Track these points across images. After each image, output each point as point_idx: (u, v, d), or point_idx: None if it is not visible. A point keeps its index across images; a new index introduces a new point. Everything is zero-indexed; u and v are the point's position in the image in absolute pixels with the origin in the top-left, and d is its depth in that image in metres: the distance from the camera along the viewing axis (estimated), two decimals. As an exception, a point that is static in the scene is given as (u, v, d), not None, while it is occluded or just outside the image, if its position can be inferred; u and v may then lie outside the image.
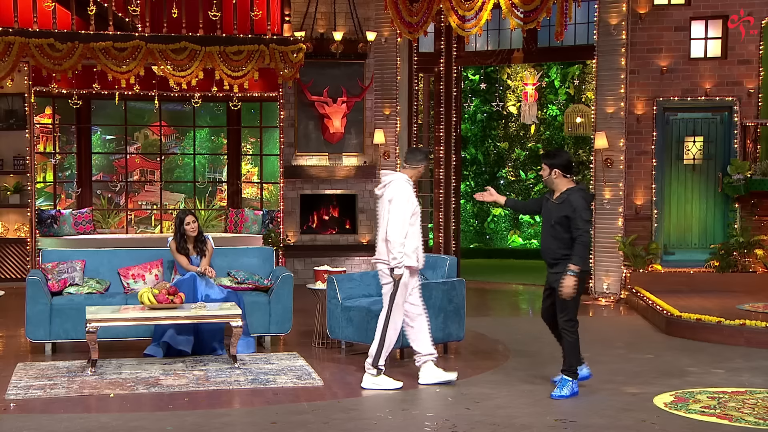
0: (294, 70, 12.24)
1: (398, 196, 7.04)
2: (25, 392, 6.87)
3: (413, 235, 7.09)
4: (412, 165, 7.26)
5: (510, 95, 17.79)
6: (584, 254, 6.77)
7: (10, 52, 11.40)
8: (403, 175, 7.21)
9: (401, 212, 6.99)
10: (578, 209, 6.77)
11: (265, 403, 6.67)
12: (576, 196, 6.82)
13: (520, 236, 18.18)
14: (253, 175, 15.66)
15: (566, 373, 6.93)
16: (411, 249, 7.07)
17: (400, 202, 7.01)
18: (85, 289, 8.58)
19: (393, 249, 6.96)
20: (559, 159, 6.94)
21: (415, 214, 7.10)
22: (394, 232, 6.96)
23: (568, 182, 6.94)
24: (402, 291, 7.10)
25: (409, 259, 7.05)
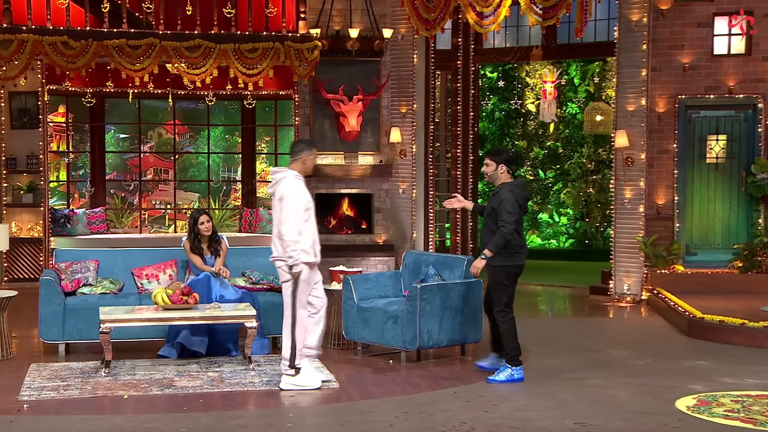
0: (309, 68, 12.26)
1: (288, 192, 7.05)
2: (39, 393, 6.91)
3: (308, 231, 7.09)
4: (294, 158, 7.26)
5: (528, 93, 17.75)
6: (501, 244, 7.30)
7: (23, 50, 11.47)
8: (293, 171, 7.20)
9: (293, 209, 7.00)
10: (504, 201, 7.32)
11: (280, 405, 6.69)
12: (505, 190, 7.39)
13: (539, 236, 18.13)
14: (268, 174, 15.68)
15: (508, 361, 7.41)
16: (307, 245, 7.07)
17: (291, 199, 7.02)
18: (99, 289, 8.62)
19: (288, 248, 6.97)
20: (504, 156, 7.54)
21: (308, 209, 7.11)
22: (288, 229, 6.97)
23: (508, 178, 7.52)
24: (303, 288, 7.09)
25: (306, 255, 7.05)
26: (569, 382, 7.41)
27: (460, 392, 7.08)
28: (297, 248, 6.95)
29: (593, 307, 11.96)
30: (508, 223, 7.28)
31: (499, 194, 7.43)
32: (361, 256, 13.47)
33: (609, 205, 14.31)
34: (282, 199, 7.04)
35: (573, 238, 17.96)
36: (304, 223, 7.04)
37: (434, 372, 7.78)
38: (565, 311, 12.43)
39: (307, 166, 7.28)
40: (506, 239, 7.31)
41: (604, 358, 8.49)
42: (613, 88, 12.96)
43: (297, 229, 6.97)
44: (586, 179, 17.79)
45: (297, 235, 6.96)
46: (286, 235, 6.96)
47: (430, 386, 7.28)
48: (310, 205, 7.13)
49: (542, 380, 7.49)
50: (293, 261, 6.96)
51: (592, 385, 7.36)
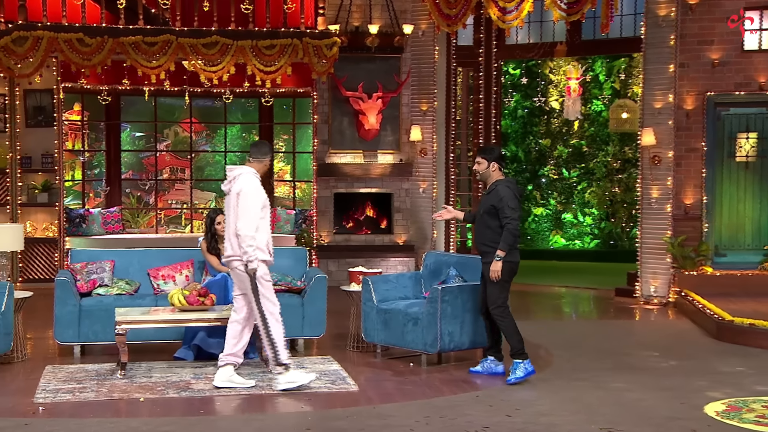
0: (328, 65, 12.27)
1: (246, 189, 7.07)
2: (54, 395, 6.96)
3: (264, 229, 7.11)
4: (257, 158, 7.30)
5: (552, 90, 17.69)
6: (511, 241, 7.43)
7: (38, 47, 11.55)
8: (251, 168, 7.24)
9: (251, 205, 7.03)
10: (504, 198, 7.41)
11: (299, 409, 6.69)
12: (503, 186, 7.50)
13: (563, 237, 18.07)
14: (286, 173, 15.72)
15: (515, 356, 7.43)
16: (263, 242, 7.09)
17: (248, 195, 7.05)
18: (115, 290, 8.66)
19: (244, 243, 6.98)
20: (495, 153, 7.66)
21: (265, 207, 7.13)
22: (245, 226, 7.00)
23: (500, 175, 7.64)
24: (264, 284, 7.09)
25: (262, 253, 7.06)
26: (594, 386, 7.37)
27: (482, 396, 7.06)
28: (253, 244, 6.98)
29: (619, 309, 11.90)
30: (512, 219, 7.41)
31: (496, 191, 7.52)
32: (380, 256, 13.48)
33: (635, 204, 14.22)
34: (239, 194, 7.08)
35: (598, 239, 17.88)
36: (261, 221, 7.08)
37: (456, 375, 7.77)
38: (590, 313, 12.37)
39: (266, 168, 7.38)
40: (514, 235, 7.43)
41: (630, 361, 8.45)
42: (639, 85, 12.89)
43: (254, 225, 7.01)
44: (611, 178, 17.71)
45: (254, 231, 7.00)
46: (243, 230, 6.99)
47: (451, 390, 7.27)
48: (266, 203, 7.19)
49: (566, 384, 7.45)
50: (249, 257, 6.98)
51: (618, 389, 7.32)
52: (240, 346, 7.28)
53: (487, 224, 7.55)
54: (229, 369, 7.24)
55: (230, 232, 7.16)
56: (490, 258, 7.50)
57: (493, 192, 7.55)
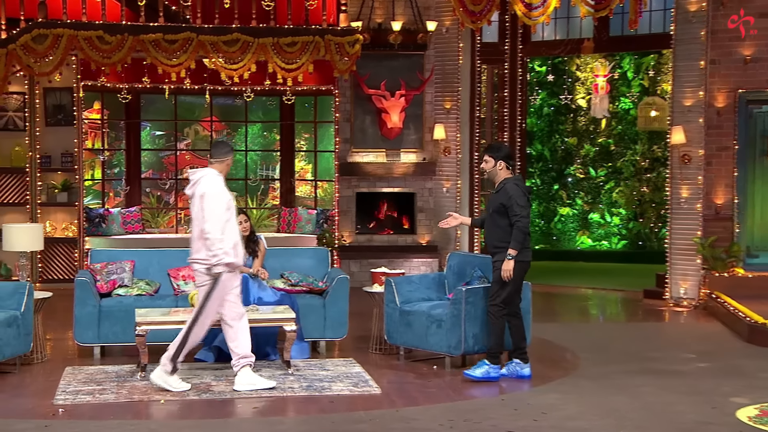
0: (350, 63, 12.28)
1: (210, 190, 7.08)
2: (74, 397, 7.01)
3: (229, 231, 7.11)
4: (218, 159, 7.30)
5: (579, 87, 17.61)
6: (522, 239, 7.46)
7: (58, 45, 11.63)
8: (213, 170, 7.24)
9: (216, 207, 7.03)
10: (513, 196, 7.48)
11: (321, 412, 6.71)
12: (511, 184, 7.56)
13: (590, 237, 17.99)
14: (307, 173, 15.76)
15: (488, 357, 7.60)
16: (229, 246, 7.09)
17: (213, 197, 7.06)
18: (135, 290, 8.71)
19: (212, 246, 6.98)
20: (503, 152, 7.74)
21: (229, 209, 7.13)
22: (212, 228, 6.99)
23: (507, 173, 7.68)
24: (220, 289, 7.09)
25: (228, 256, 7.06)
26: (622, 390, 7.33)
27: (507, 399, 7.04)
28: (222, 247, 7.00)
29: (647, 311, 11.84)
30: (522, 216, 7.45)
31: (505, 190, 7.57)
32: (403, 257, 13.47)
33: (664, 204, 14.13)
34: (203, 197, 7.08)
35: (626, 239, 17.78)
36: (226, 224, 7.09)
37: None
38: (618, 316, 12.31)
39: (228, 167, 7.40)
40: (524, 233, 7.48)
41: (659, 365, 8.40)
42: (668, 82, 12.81)
43: (220, 229, 7.02)
44: (639, 178, 17.60)
45: (221, 233, 7.01)
46: (211, 232, 6.99)
47: (475, 393, 7.26)
48: (231, 204, 7.20)
49: (594, 388, 7.42)
50: (217, 260, 7.00)
51: (647, 393, 7.28)
52: (244, 345, 7.27)
53: (497, 223, 7.60)
54: (247, 371, 7.26)
55: (195, 235, 7.17)
56: (500, 257, 7.55)
57: (501, 191, 7.61)
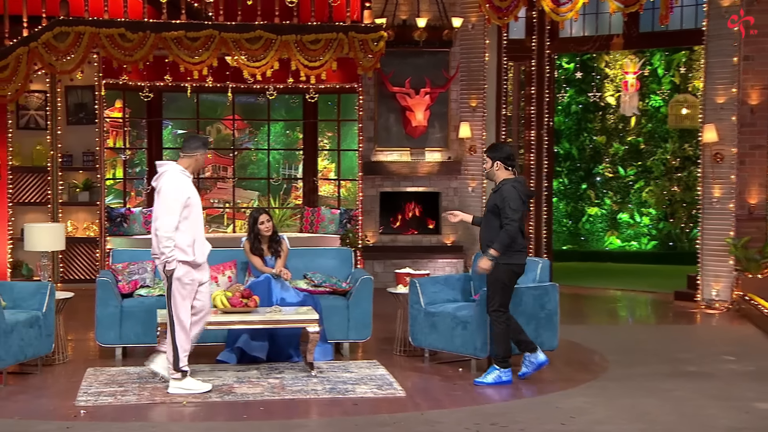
0: (374, 60, 12.29)
1: (166, 186, 7.14)
2: (96, 399, 7.06)
3: (188, 229, 7.14)
4: (187, 153, 7.34)
5: (608, 85, 17.53)
6: (506, 242, 7.46)
7: (80, 43, 11.72)
8: (178, 165, 7.29)
9: (169, 203, 7.08)
10: (507, 198, 7.45)
11: (344, 414, 6.72)
12: (508, 186, 7.53)
13: (618, 237, 17.90)
14: (330, 172, 15.78)
15: (496, 361, 7.60)
16: (185, 243, 7.11)
17: (167, 193, 7.11)
18: (157, 290, 8.77)
19: (161, 243, 7.03)
20: (501, 152, 7.70)
21: (189, 206, 7.15)
22: (162, 225, 7.05)
23: (508, 174, 7.65)
24: (178, 287, 7.12)
25: (183, 254, 7.08)
26: (652, 394, 7.30)
27: (534, 403, 7.03)
28: (170, 245, 7.04)
29: (678, 313, 11.77)
30: (512, 220, 7.45)
31: (501, 191, 7.57)
32: (428, 257, 13.47)
33: (695, 204, 14.05)
34: (159, 192, 7.17)
35: (656, 240, 17.69)
36: (184, 220, 7.13)
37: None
38: (648, 318, 12.25)
39: (199, 163, 7.46)
40: (511, 237, 7.48)
41: (690, 368, 8.34)
42: (700, 79, 12.72)
43: (172, 225, 7.06)
44: (670, 177, 17.51)
45: (172, 231, 7.04)
46: (160, 229, 7.07)
47: (502, 396, 7.25)
48: (192, 202, 7.22)
49: (623, 391, 7.39)
50: (165, 258, 7.04)
51: (678, 397, 7.24)
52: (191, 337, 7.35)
53: (491, 224, 7.63)
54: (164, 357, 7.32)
55: (152, 229, 7.26)
56: (495, 258, 7.54)
57: (498, 191, 7.63)
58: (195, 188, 7.38)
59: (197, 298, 7.33)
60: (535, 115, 14.34)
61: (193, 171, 7.40)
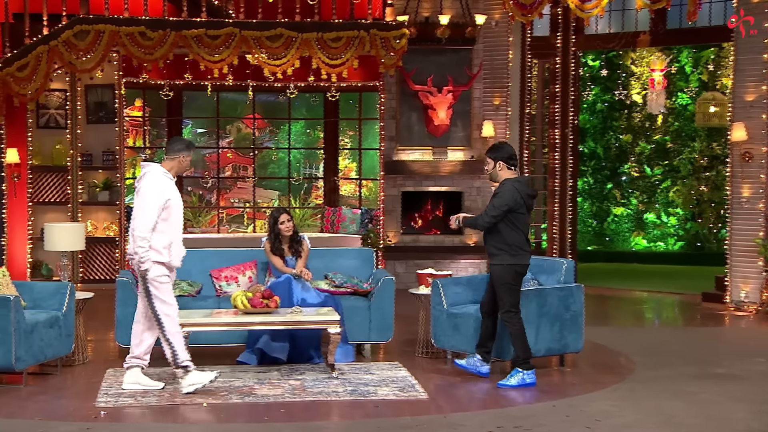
0: (396, 58, 12.30)
1: (146, 187, 7.25)
2: (116, 400, 7.11)
3: (166, 231, 7.23)
4: (169, 156, 7.42)
5: (634, 82, 17.47)
6: (474, 225, 7.74)
7: (100, 41, 11.81)
8: (160, 167, 7.36)
9: (147, 204, 7.18)
10: (500, 195, 7.54)
11: (366, 417, 6.73)
12: (508, 186, 7.58)
13: (645, 238, 17.83)
14: (351, 171, 15.81)
15: (519, 364, 7.57)
16: (161, 244, 7.20)
17: (146, 194, 7.22)
18: (177, 291, 8.76)
19: (135, 243, 7.15)
20: (502, 152, 7.72)
21: (167, 208, 7.23)
22: (139, 225, 7.17)
23: (510, 174, 7.69)
24: (154, 286, 7.22)
25: (158, 255, 7.18)
26: (679, 397, 7.26)
27: (559, 406, 7.01)
28: (145, 245, 7.14)
29: (706, 315, 11.70)
30: (491, 216, 7.53)
31: (500, 190, 7.64)
32: (450, 258, 13.47)
33: (724, 204, 13.97)
34: (138, 193, 7.29)
35: (683, 241, 17.60)
36: (162, 222, 7.22)
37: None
38: (675, 320, 12.19)
39: (183, 165, 7.49)
40: (480, 227, 7.67)
41: (719, 371, 8.29)
42: (729, 77, 12.65)
43: (148, 226, 7.16)
44: (697, 176, 17.42)
45: (148, 231, 7.15)
46: (135, 230, 7.20)
47: (526, 399, 7.23)
48: (171, 204, 7.28)
49: (649, 394, 7.36)
50: (140, 258, 7.15)
51: (705, 400, 7.20)
52: (143, 347, 7.41)
53: (493, 227, 7.63)
54: (135, 371, 7.41)
55: (130, 230, 7.36)
56: (496, 260, 7.63)
57: (498, 191, 7.68)
58: (177, 191, 7.46)
59: None
60: (560, 113, 14.31)
61: (176, 173, 7.48)
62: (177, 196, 7.39)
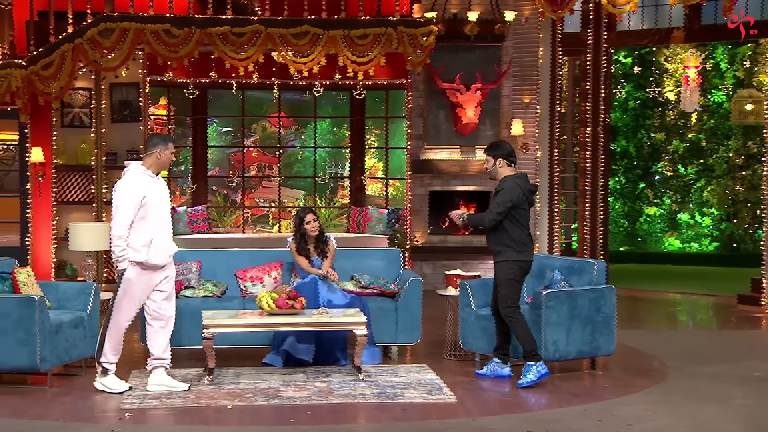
0: (424, 55, 12.29)
1: (120, 186, 7.35)
2: (141, 401, 7.16)
3: (145, 230, 7.29)
4: (147, 152, 7.50)
5: (668, 80, 17.36)
6: (477, 223, 7.95)
7: (125, 39, 11.89)
8: (139, 165, 7.44)
9: (121, 203, 7.27)
10: (503, 192, 7.66)
11: (393, 420, 6.74)
12: (510, 181, 7.73)
13: (678, 239, 17.71)
14: (378, 170, 15.81)
15: (528, 358, 7.60)
16: (140, 243, 7.27)
17: (120, 193, 7.32)
18: (202, 292, 8.85)
19: (112, 243, 7.26)
20: (502, 150, 7.92)
21: (145, 206, 7.28)
22: (114, 225, 7.26)
23: (509, 171, 7.84)
24: (127, 287, 7.30)
25: (135, 254, 7.25)
26: (714, 401, 7.21)
27: (590, 410, 6.98)
28: (121, 244, 7.23)
29: (742, 318, 11.62)
30: (497, 213, 7.63)
31: (502, 187, 7.75)
32: (478, 259, 13.43)
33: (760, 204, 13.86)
34: (114, 192, 7.40)
35: (718, 241, 17.47)
36: (140, 220, 7.27)
37: (561, 387, 7.70)
38: (709, 322, 12.11)
39: (162, 161, 7.51)
40: (486, 225, 7.72)
41: (754, 375, 8.23)
42: (766, 73, 12.54)
43: (124, 225, 7.24)
44: (733, 175, 17.29)
45: (123, 230, 7.22)
46: (112, 229, 7.31)
47: (556, 402, 7.21)
48: (149, 201, 7.33)
49: (683, 398, 7.31)
50: (116, 257, 7.27)
51: (741, 405, 7.15)
52: (160, 347, 7.53)
53: (496, 225, 7.71)
54: (160, 372, 7.52)
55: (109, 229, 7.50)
56: (500, 258, 7.73)
57: (500, 189, 7.77)
58: (161, 188, 7.50)
59: (156, 302, 7.50)
60: (591, 111, 14.24)
61: (157, 169, 7.52)
62: (157, 193, 7.44)
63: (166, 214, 7.49)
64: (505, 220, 7.67)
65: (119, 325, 7.42)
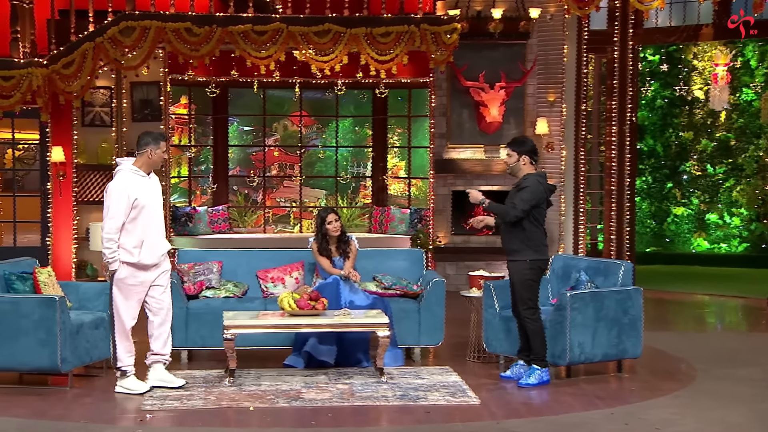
0: (447, 53, 12.29)
1: (112, 188, 7.39)
2: (162, 403, 7.20)
3: (136, 231, 7.35)
4: (138, 151, 7.49)
5: (696, 78, 17.26)
6: (503, 215, 7.75)
7: (146, 38, 11.96)
8: (131, 165, 7.45)
9: (111, 204, 7.33)
10: (528, 189, 7.62)
11: (416, 422, 6.74)
12: (532, 179, 7.70)
13: (706, 239, 17.61)
14: (400, 170, 15.81)
15: (535, 361, 7.66)
16: (131, 244, 7.34)
17: (110, 193, 7.37)
18: (222, 292, 8.89)
19: (103, 243, 7.32)
20: (526, 146, 7.85)
21: (137, 207, 7.33)
22: (105, 226, 7.33)
23: (531, 169, 7.82)
24: (121, 288, 7.37)
25: (127, 255, 7.32)
26: (743, 405, 7.17)
27: (617, 413, 6.95)
28: (112, 246, 7.30)
29: (771, 321, 11.56)
30: (521, 210, 7.60)
31: (525, 185, 7.72)
32: (502, 259, 13.19)
33: (790, 204, 13.77)
34: (105, 193, 7.44)
35: (747, 242, 17.35)
36: (132, 221, 7.33)
37: (587, 390, 7.68)
38: (738, 325, 12.03)
39: (153, 160, 7.52)
40: (510, 219, 7.66)
41: None
42: (796, 71, 12.45)
43: (115, 227, 7.31)
44: (763, 175, 17.17)
45: (114, 232, 7.30)
46: (103, 230, 7.37)
47: (582, 406, 7.19)
48: (141, 203, 7.37)
49: (712, 402, 7.27)
50: (106, 259, 7.33)
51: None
52: (159, 342, 7.61)
53: (515, 223, 7.70)
54: (158, 368, 7.61)
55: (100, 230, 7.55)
56: (516, 257, 7.73)
57: (522, 187, 7.73)
58: (153, 188, 7.54)
59: (154, 298, 7.54)
60: (617, 110, 14.18)
61: (148, 169, 7.54)
62: (148, 194, 7.47)
63: (158, 213, 7.56)
64: (525, 219, 7.68)
65: (123, 326, 7.48)
